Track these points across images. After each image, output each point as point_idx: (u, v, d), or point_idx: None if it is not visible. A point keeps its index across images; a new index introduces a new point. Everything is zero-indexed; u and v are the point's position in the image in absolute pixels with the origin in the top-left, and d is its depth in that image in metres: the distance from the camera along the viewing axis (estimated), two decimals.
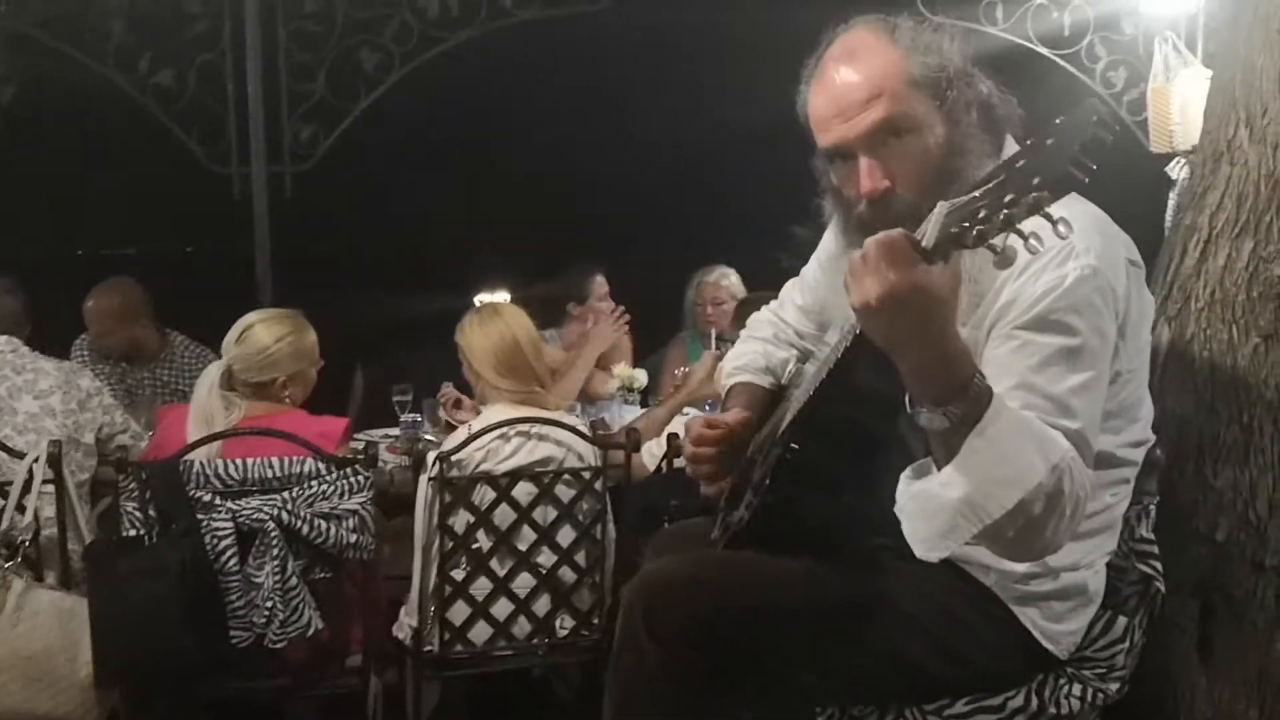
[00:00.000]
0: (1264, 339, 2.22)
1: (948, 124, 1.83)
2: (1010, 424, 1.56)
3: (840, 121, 1.85)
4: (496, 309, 3.51)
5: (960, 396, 1.54)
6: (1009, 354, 1.72)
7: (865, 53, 1.85)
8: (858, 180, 1.86)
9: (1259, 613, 2.22)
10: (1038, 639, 1.92)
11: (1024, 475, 1.56)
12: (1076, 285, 1.71)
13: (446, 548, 3.24)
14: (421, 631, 3.26)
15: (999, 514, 1.56)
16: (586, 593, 3.37)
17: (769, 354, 2.36)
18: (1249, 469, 2.21)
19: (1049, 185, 1.26)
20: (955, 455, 1.57)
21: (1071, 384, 1.70)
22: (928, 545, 1.62)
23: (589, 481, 3.31)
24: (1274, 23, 2.26)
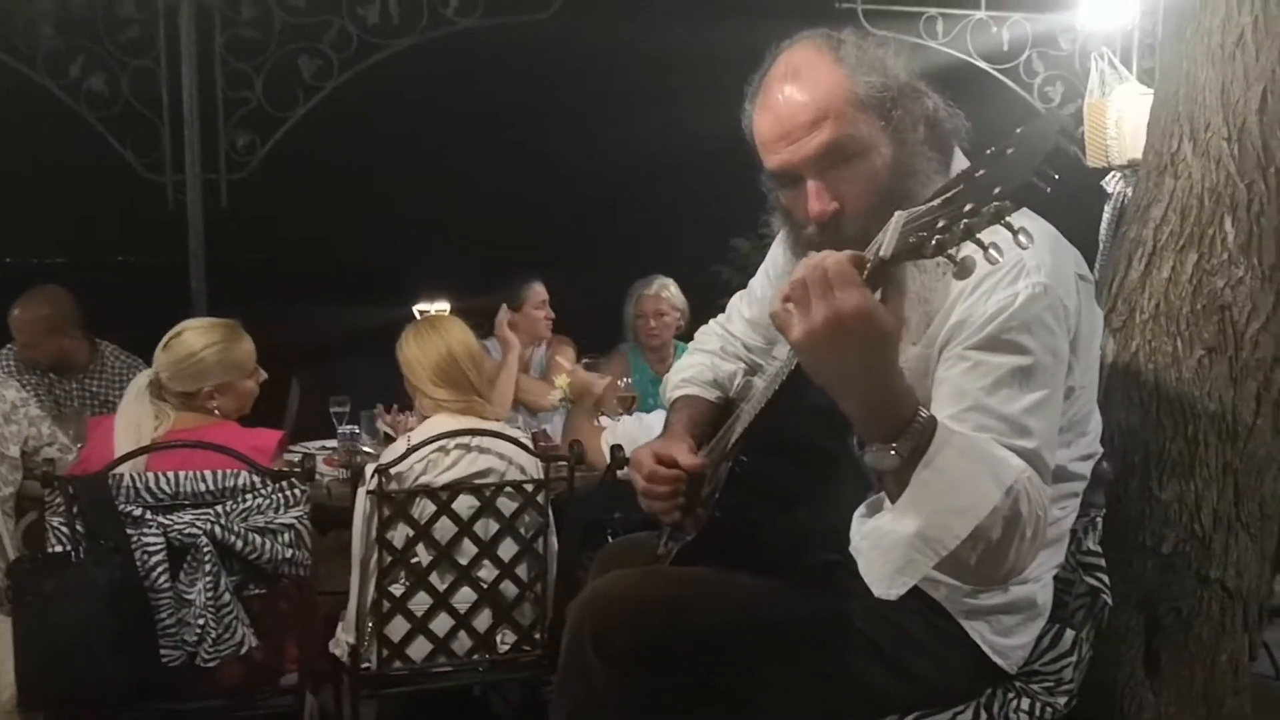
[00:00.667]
0: (1208, 352, 2.23)
1: (895, 143, 1.81)
2: (958, 451, 1.54)
3: (786, 144, 1.83)
4: (434, 321, 3.47)
5: (907, 430, 1.52)
6: (961, 375, 1.70)
7: (810, 72, 1.82)
8: (805, 203, 1.84)
9: (1205, 626, 2.23)
10: (986, 653, 1.91)
11: (977, 502, 1.54)
12: (1028, 304, 1.70)
13: (385, 562, 3.17)
14: (359, 648, 3.19)
15: (954, 544, 1.54)
16: (528, 608, 3.32)
17: (716, 366, 2.33)
18: (1194, 482, 2.22)
19: (1011, 195, 1.24)
20: (905, 489, 1.54)
21: (1025, 404, 1.68)
22: (885, 583, 1.60)
23: (531, 494, 3.26)
24: (1216, 37, 2.28)
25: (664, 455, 2.08)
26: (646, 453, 2.11)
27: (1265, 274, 2.21)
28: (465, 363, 3.34)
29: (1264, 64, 2.25)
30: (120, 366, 4.56)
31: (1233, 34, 2.27)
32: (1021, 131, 1.30)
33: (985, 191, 1.28)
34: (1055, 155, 1.23)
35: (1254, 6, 2.26)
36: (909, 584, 1.58)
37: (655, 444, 2.13)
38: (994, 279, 1.71)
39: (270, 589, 3.05)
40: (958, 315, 1.74)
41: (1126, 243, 2.40)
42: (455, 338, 3.37)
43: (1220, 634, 2.24)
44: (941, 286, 1.77)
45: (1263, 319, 2.21)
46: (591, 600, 1.90)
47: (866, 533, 1.62)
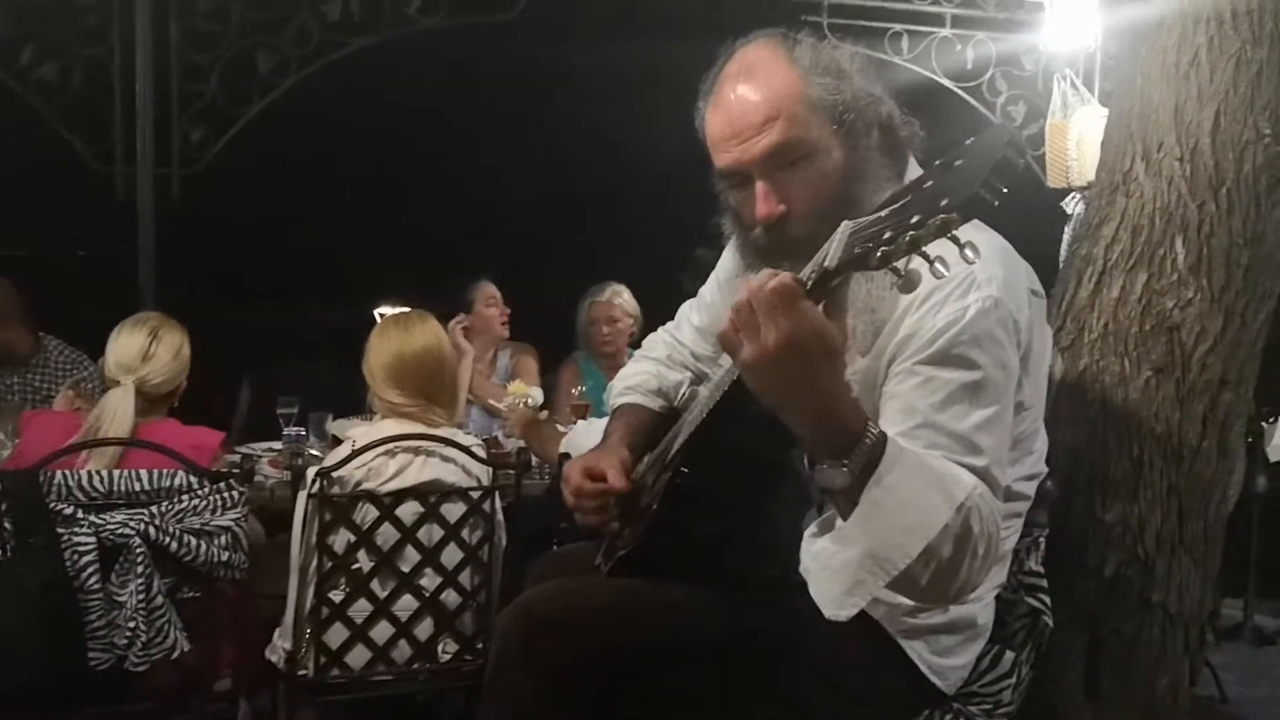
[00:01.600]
0: (1155, 372, 2.21)
1: (846, 148, 1.79)
2: (909, 469, 1.51)
3: (735, 144, 1.80)
4: (402, 319, 3.33)
5: (855, 449, 1.49)
6: (911, 391, 1.67)
7: (763, 71, 1.79)
8: (753, 204, 1.81)
9: (1146, 649, 2.21)
10: (925, 673, 1.87)
11: (927, 520, 1.51)
12: (978, 318, 1.67)
13: (325, 568, 3.11)
14: (296, 655, 3.13)
15: (905, 563, 1.51)
16: (471, 616, 3.27)
17: (661, 375, 2.29)
18: (1138, 503, 2.20)
19: (957, 207, 1.21)
20: (855, 507, 1.51)
21: (976, 420, 1.65)
22: (835, 604, 1.57)
23: (477, 501, 3.21)
24: (1170, 56, 2.27)
25: (594, 470, 2.04)
26: (576, 468, 2.07)
27: (1214, 295, 2.20)
28: (424, 366, 3.24)
29: (1217, 84, 2.24)
30: (64, 361, 4.48)
31: (1187, 53, 2.26)
32: (970, 143, 1.27)
33: (932, 203, 1.25)
34: (1002, 167, 1.20)
35: (1209, 27, 2.25)
36: (859, 605, 1.56)
37: (588, 458, 2.09)
38: (944, 292, 1.68)
39: (205, 592, 2.99)
40: (906, 328, 1.71)
41: (1077, 260, 2.38)
42: (417, 339, 3.25)
43: (1161, 658, 2.22)
44: (890, 297, 1.75)
45: (1211, 341, 2.19)
46: (522, 609, 1.86)
47: (816, 553, 1.59)
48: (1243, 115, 2.21)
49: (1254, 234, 2.23)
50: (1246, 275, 2.22)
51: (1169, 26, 2.28)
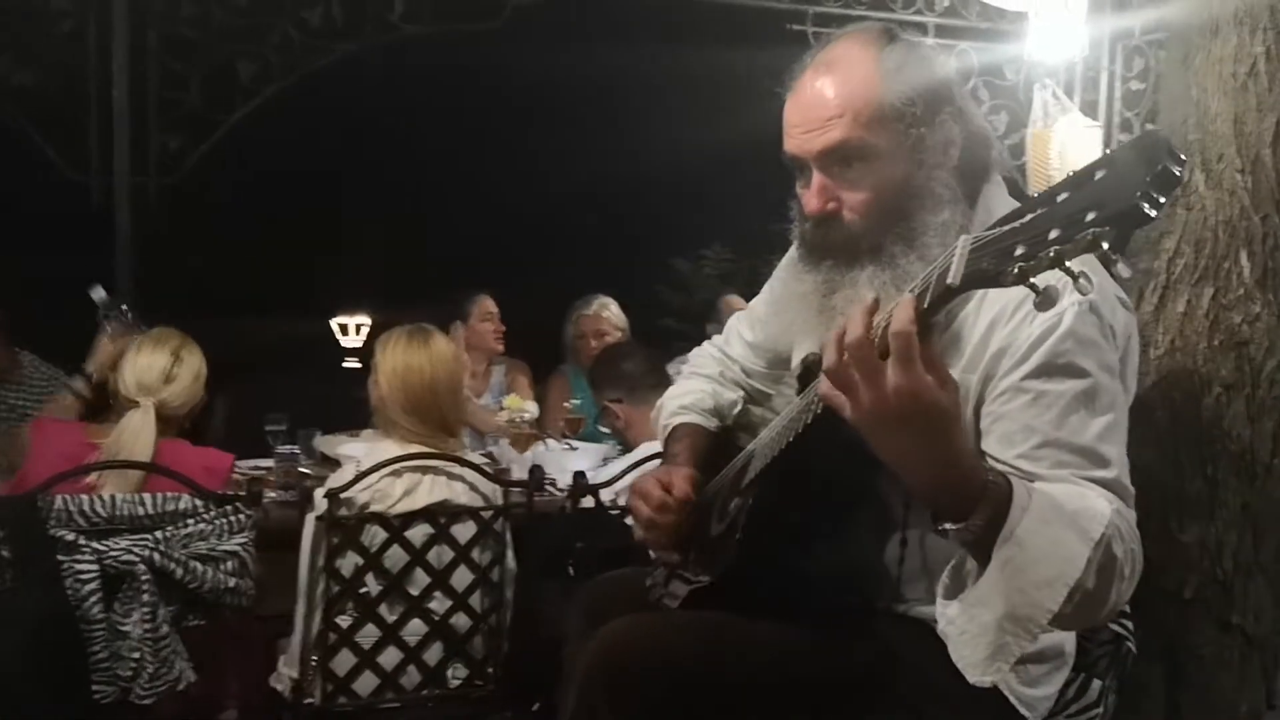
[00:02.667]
0: (1225, 389, 2.17)
1: (911, 161, 1.73)
2: (1039, 518, 1.43)
3: (800, 131, 1.76)
4: (426, 338, 3.18)
5: (980, 504, 1.41)
6: (1023, 409, 1.61)
7: (845, 65, 1.74)
8: (808, 192, 1.78)
9: (1226, 674, 2.16)
10: (1014, 704, 1.81)
11: (1066, 569, 1.43)
12: (1075, 323, 1.61)
13: (332, 592, 3.00)
14: (302, 683, 3.01)
15: (1047, 619, 1.44)
16: (481, 640, 3.17)
17: (717, 394, 2.21)
18: (1215, 524, 2.15)
19: (1111, 219, 1.14)
20: (989, 562, 1.43)
21: (1096, 430, 1.60)
22: (979, 671, 1.48)
23: (489, 521, 3.12)
24: (1228, 66, 2.24)
25: (666, 483, 1.96)
26: (652, 481, 1.98)
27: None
28: (445, 397, 3.14)
29: (1276, 95, 2.21)
30: (40, 378, 4.30)
31: (1245, 64, 2.22)
32: (1112, 153, 1.20)
33: (1074, 217, 1.18)
34: (1164, 177, 1.13)
35: (1265, 37, 2.22)
36: (1005, 669, 1.47)
37: (658, 473, 2.01)
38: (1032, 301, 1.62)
39: (210, 620, 2.87)
40: (999, 341, 1.65)
41: (1137, 274, 2.34)
42: (443, 366, 3.14)
43: (1241, 683, 2.18)
44: (972, 311, 1.69)
45: (1279, 357, 2.16)
46: (605, 648, 1.75)
47: (952, 618, 1.49)
48: None
49: None
50: None
51: (1224, 36, 2.25)
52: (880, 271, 1.68)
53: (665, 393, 2.30)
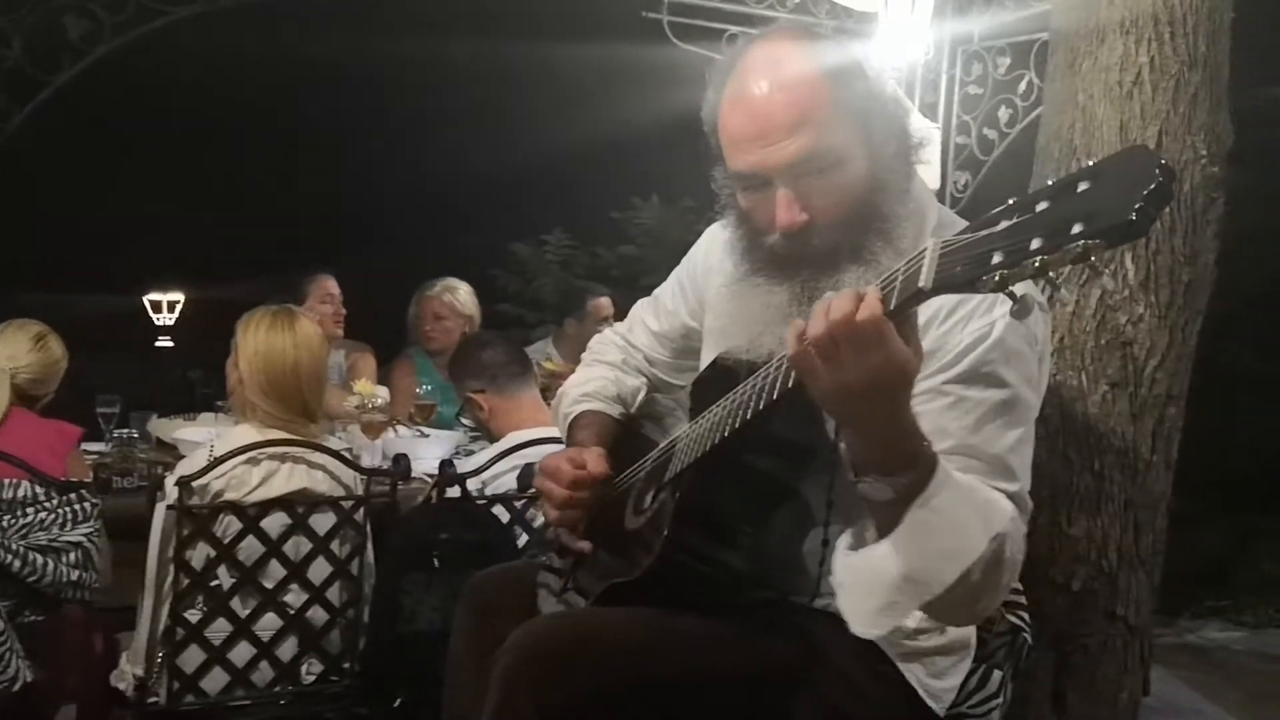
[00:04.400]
0: (1111, 387, 2.24)
1: (870, 156, 1.71)
2: (955, 493, 1.48)
3: (760, 146, 1.70)
4: (291, 320, 3.04)
5: (910, 465, 1.45)
6: (941, 411, 1.62)
7: (792, 70, 1.69)
8: (771, 209, 1.72)
9: (1110, 663, 2.23)
10: (921, 696, 1.83)
11: (967, 548, 1.48)
12: (1006, 334, 1.63)
13: (181, 585, 2.84)
14: (147, 681, 2.84)
15: (940, 589, 1.48)
16: (338, 634, 3.05)
17: (620, 381, 2.17)
18: (1101, 517, 2.22)
19: (1104, 233, 1.14)
20: (897, 525, 1.47)
21: (1009, 442, 1.63)
22: (866, 622, 1.52)
23: (349, 511, 3.00)
24: (1114, 74, 2.30)
25: (580, 461, 1.92)
26: (563, 459, 1.93)
27: (1161, 312, 2.25)
28: (308, 382, 3.00)
29: (1159, 104, 2.29)
30: None
31: (1130, 72, 2.30)
32: (1096, 166, 1.21)
33: (1059, 227, 1.18)
34: (1158, 193, 1.13)
35: (1150, 47, 2.29)
36: (890, 625, 1.53)
37: (568, 452, 1.97)
38: (968, 306, 1.65)
39: (50, 615, 2.69)
40: (930, 343, 1.65)
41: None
42: (307, 350, 2.99)
43: (1123, 671, 2.26)
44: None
45: (1160, 356, 2.24)
46: (524, 651, 1.69)
47: (853, 566, 1.53)
48: (1182, 136, 2.27)
49: (1192, 252, 2.29)
50: (1187, 292, 2.28)
51: (1111, 44, 2.31)
52: (865, 271, 1.65)
53: (566, 381, 2.25)
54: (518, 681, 1.66)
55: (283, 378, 2.95)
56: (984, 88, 5.31)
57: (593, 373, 2.20)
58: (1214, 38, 2.34)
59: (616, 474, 1.96)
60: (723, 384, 1.74)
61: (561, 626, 1.77)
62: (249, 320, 3.01)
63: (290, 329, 2.98)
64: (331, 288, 4.83)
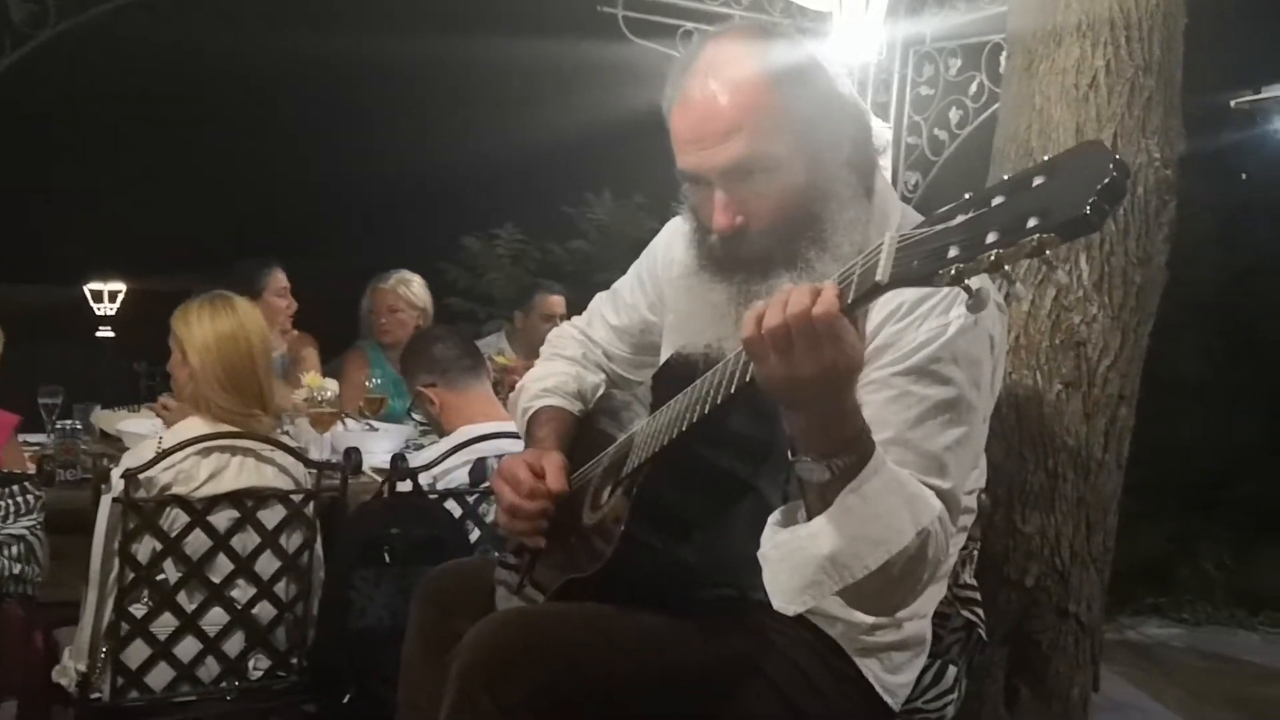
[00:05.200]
0: (1065, 386, 2.26)
1: (812, 164, 1.71)
2: (886, 482, 1.50)
3: (697, 148, 1.71)
4: (232, 303, 2.97)
5: (848, 449, 1.47)
6: (884, 403, 1.64)
7: (734, 72, 1.68)
8: (711, 209, 1.74)
9: (1062, 659, 2.26)
10: (877, 691, 1.84)
11: (893, 537, 1.50)
12: (959, 335, 1.64)
13: (126, 580, 2.79)
14: (90, 677, 2.80)
15: (863, 575, 1.50)
16: (286, 630, 3.02)
17: (581, 377, 2.15)
18: (1055, 515, 2.25)
19: (1057, 228, 1.15)
20: (828, 507, 1.49)
21: (946, 441, 1.64)
22: (787, 598, 1.54)
23: (299, 506, 2.96)
24: (1070, 77, 2.33)
25: (539, 469, 1.91)
26: (521, 465, 1.92)
27: (1115, 313, 2.27)
28: (263, 366, 2.96)
29: (1114, 107, 2.31)
30: None
31: (1086, 75, 2.32)
32: (1051, 161, 1.21)
33: (1014, 223, 1.19)
34: (1112, 189, 1.14)
35: (1106, 51, 2.32)
36: (810, 604, 1.55)
37: (528, 455, 1.95)
38: (928, 304, 1.66)
39: None
40: (884, 337, 1.67)
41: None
42: (257, 334, 2.95)
43: (1074, 668, 2.28)
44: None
45: (1112, 356, 2.27)
46: (481, 647, 1.68)
47: (780, 543, 1.55)
48: (1136, 139, 2.30)
49: (1144, 254, 2.32)
50: (1139, 294, 2.31)
51: (1067, 47, 2.34)
52: (798, 278, 1.65)
53: (525, 375, 2.23)
54: (475, 679, 1.64)
55: (239, 365, 2.91)
56: (935, 89, 5.35)
57: (553, 367, 2.18)
58: (1168, 43, 2.37)
59: (573, 470, 1.95)
60: (681, 379, 1.74)
61: (519, 624, 1.76)
62: (188, 312, 2.94)
63: (234, 314, 2.94)
64: (284, 280, 4.76)
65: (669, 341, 1.98)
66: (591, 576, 1.74)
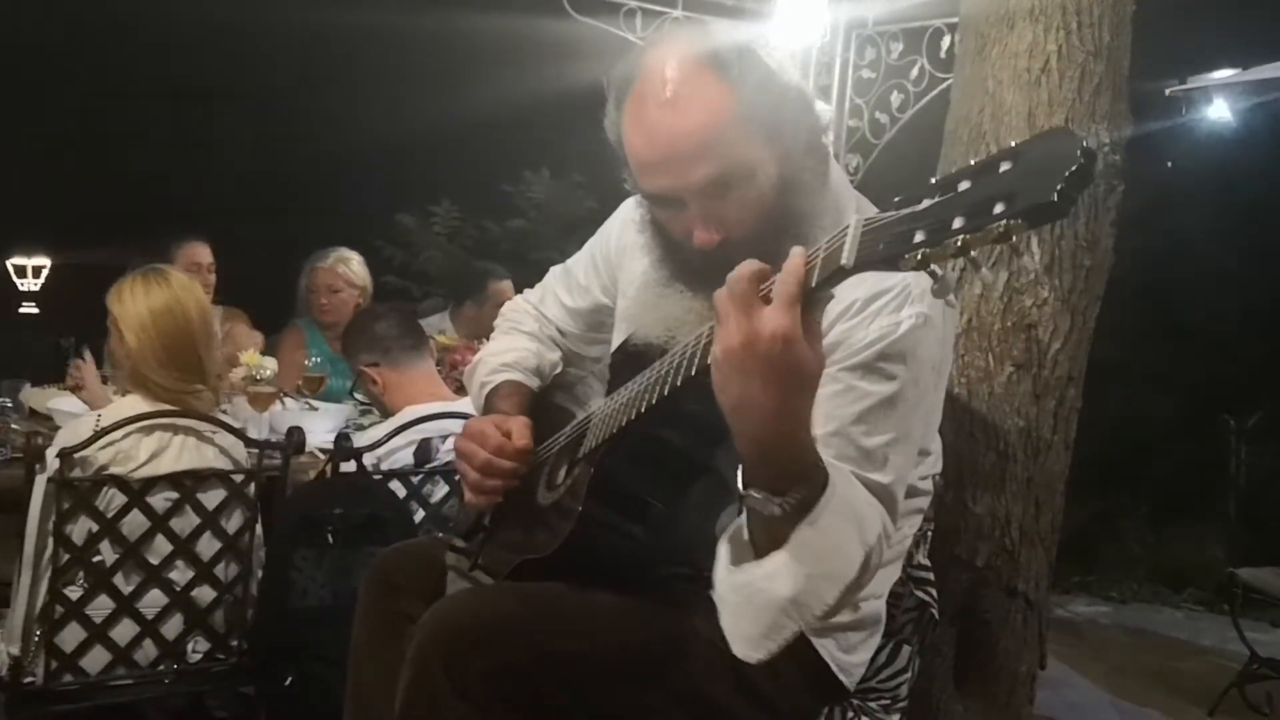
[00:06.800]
0: (1016, 368, 2.28)
1: (780, 161, 1.67)
2: (838, 511, 1.44)
3: (664, 171, 1.67)
4: (167, 276, 2.91)
5: (800, 483, 1.41)
6: (829, 398, 1.60)
7: (691, 89, 1.62)
8: (687, 224, 1.69)
9: (1010, 638, 2.28)
10: (833, 671, 1.84)
11: (846, 567, 1.47)
12: (909, 334, 1.64)
13: (61, 561, 2.73)
14: (23, 661, 2.73)
15: (822, 610, 1.47)
16: (225, 612, 2.97)
17: (540, 354, 2.13)
18: (1004, 496, 2.27)
19: (1023, 213, 1.14)
20: (781, 543, 1.43)
21: (888, 437, 1.63)
22: (751, 645, 1.49)
23: (239, 486, 2.91)
24: (1022, 61, 2.34)
25: (506, 429, 1.87)
26: (489, 424, 1.88)
27: (1064, 296, 2.29)
28: (203, 339, 2.90)
29: (1065, 92, 2.33)
30: None
31: (1039, 60, 2.33)
32: (1018, 147, 1.20)
33: (979, 207, 1.18)
34: (1079, 176, 1.14)
35: (1058, 36, 2.33)
36: (773, 649, 1.49)
37: (494, 418, 1.92)
38: (879, 302, 1.64)
39: None
40: (836, 334, 1.64)
41: None
42: (195, 306, 2.88)
43: (1023, 646, 2.31)
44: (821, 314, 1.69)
45: (1062, 339, 2.29)
46: (441, 626, 1.66)
47: (738, 586, 1.48)
48: (1087, 124, 2.32)
49: (1093, 238, 2.35)
50: (1088, 277, 2.33)
51: (1020, 32, 2.35)
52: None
53: (484, 348, 2.20)
54: (432, 659, 1.62)
55: (178, 339, 2.85)
56: (876, 72, 5.37)
57: (513, 342, 2.15)
58: (1117, 28, 2.39)
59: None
60: (640, 360, 1.72)
61: (475, 604, 1.74)
62: (122, 289, 2.87)
63: (169, 287, 2.87)
64: (199, 255, 4.65)
65: (625, 326, 1.96)
66: (548, 556, 1.72)
